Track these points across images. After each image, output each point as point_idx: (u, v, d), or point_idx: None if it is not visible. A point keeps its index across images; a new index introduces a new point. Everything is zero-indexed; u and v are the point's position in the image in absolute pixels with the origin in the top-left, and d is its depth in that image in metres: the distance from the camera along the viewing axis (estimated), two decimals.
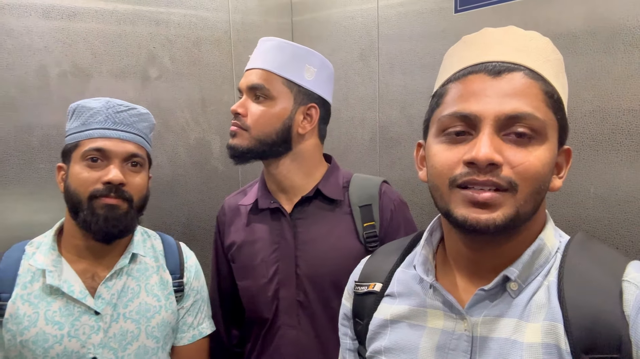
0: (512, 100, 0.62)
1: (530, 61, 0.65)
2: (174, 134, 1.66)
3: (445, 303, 0.71)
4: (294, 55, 1.17)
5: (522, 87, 0.62)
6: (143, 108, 1.12)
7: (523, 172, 0.61)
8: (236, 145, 1.16)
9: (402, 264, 0.82)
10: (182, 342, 1.19)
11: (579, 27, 1.26)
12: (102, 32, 1.49)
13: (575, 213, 1.30)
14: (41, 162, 1.40)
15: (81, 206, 1.02)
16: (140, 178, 1.09)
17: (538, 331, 0.62)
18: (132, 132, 1.08)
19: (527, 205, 0.62)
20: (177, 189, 1.69)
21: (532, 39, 0.67)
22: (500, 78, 0.63)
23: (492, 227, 0.61)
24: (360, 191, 1.21)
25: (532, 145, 0.62)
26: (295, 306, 1.16)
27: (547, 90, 0.64)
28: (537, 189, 0.62)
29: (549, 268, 0.67)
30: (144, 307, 1.10)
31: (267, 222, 1.21)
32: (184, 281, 1.18)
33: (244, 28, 1.81)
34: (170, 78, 1.64)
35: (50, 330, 1.00)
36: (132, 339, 1.07)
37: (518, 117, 0.61)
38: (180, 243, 1.25)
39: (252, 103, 1.16)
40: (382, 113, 1.73)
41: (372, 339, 0.79)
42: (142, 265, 1.14)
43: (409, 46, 1.63)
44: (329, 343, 1.15)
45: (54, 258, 1.05)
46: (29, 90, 1.38)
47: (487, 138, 0.61)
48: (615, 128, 1.23)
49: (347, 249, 1.15)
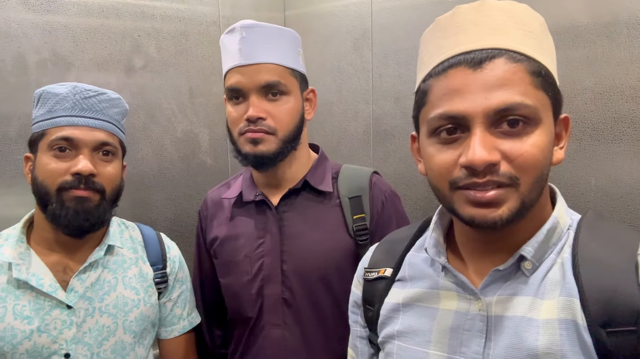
0: (498, 92, 0.59)
1: (511, 40, 0.62)
2: (159, 126, 1.60)
3: (458, 283, 0.70)
4: (289, 42, 1.11)
5: (505, 74, 0.60)
6: (113, 93, 1.06)
7: (522, 164, 0.60)
8: (265, 153, 1.06)
9: (413, 248, 0.82)
10: (173, 334, 1.16)
11: (579, 10, 1.20)
12: (83, 19, 1.43)
13: (575, 206, 1.22)
14: (18, 153, 1.35)
15: (49, 198, 0.97)
16: (112, 168, 1.03)
17: (554, 308, 0.62)
18: (102, 118, 1.02)
19: (532, 193, 0.62)
20: (164, 183, 1.63)
21: (508, 11, 0.63)
22: (481, 70, 0.60)
23: (499, 223, 0.61)
24: (350, 183, 1.15)
25: (526, 132, 0.60)
26: (280, 304, 1.11)
27: (533, 70, 0.61)
28: (540, 176, 0.62)
29: (562, 245, 0.66)
30: (122, 301, 1.05)
31: (252, 216, 1.16)
32: (167, 271, 1.14)
33: (234, 17, 1.75)
34: (156, 68, 1.58)
35: (18, 325, 0.96)
36: (108, 335, 1.02)
37: (507, 109, 0.59)
38: (160, 234, 1.20)
39: (267, 103, 1.06)
40: (375, 105, 1.67)
41: (384, 324, 0.78)
42: (118, 256, 1.09)
43: (403, 35, 1.58)
44: (316, 343, 1.10)
45: (22, 251, 1.00)
46: (6, 78, 1.32)
47: (479, 138, 0.59)
48: (617, 117, 1.17)
49: (336, 243, 1.10)
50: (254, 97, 1.05)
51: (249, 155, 1.07)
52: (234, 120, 1.08)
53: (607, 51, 1.17)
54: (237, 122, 1.08)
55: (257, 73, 1.05)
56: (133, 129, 1.54)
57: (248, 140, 1.06)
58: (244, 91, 1.06)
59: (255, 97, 1.05)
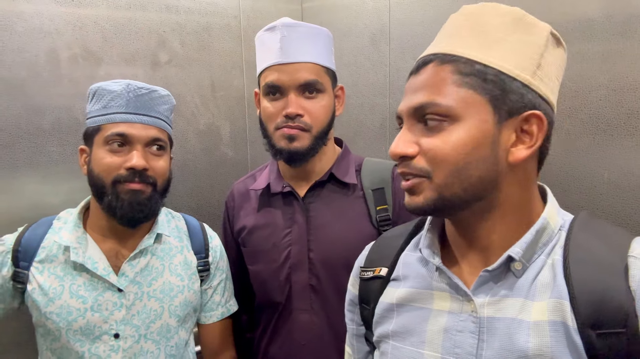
0: (418, 94, 0.66)
1: (452, 43, 0.67)
2: (183, 119, 1.66)
3: (451, 285, 0.71)
4: (325, 41, 1.15)
5: (428, 77, 0.66)
6: (163, 90, 1.12)
7: (433, 158, 0.65)
8: (300, 149, 1.11)
9: (408, 247, 0.83)
10: (212, 320, 1.22)
11: (594, 9, 1.24)
12: (112, 15, 1.48)
13: (587, 199, 1.29)
14: (52, 146, 1.40)
15: (105, 190, 1.03)
16: (163, 162, 1.09)
17: (544, 309, 0.62)
18: (154, 115, 1.07)
19: (452, 186, 0.65)
20: (187, 175, 1.68)
21: (471, 15, 0.68)
22: (417, 75, 0.68)
23: (418, 210, 0.68)
24: (372, 175, 1.20)
25: (441, 129, 0.64)
26: (307, 290, 1.16)
27: (461, 70, 0.64)
28: (454, 170, 0.64)
29: (553, 246, 0.67)
30: (168, 286, 1.11)
31: (279, 206, 1.21)
32: (209, 260, 1.20)
33: (254, 14, 1.80)
34: (180, 63, 1.63)
35: (74, 303, 1.03)
36: (155, 318, 1.09)
37: (422, 108, 0.65)
38: (203, 224, 1.26)
39: (305, 100, 1.11)
40: (392, 99, 1.71)
41: (378, 323, 0.80)
42: (166, 244, 1.15)
43: (421, 31, 1.61)
44: (342, 327, 1.15)
45: (79, 235, 1.07)
46: (40, 73, 1.38)
47: (400, 134, 0.67)
48: (630, 113, 1.21)
49: (360, 232, 1.15)
50: (293, 95, 1.09)
51: (284, 151, 1.11)
52: (271, 115, 1.12)
53: (621, 48, 1.21)
54: (273, 117, 1.12)
55: (296, 72, 1.09)
56: None
57: (285, 136, 1.10)
58: (282, 88, 1.10)
59: (294, 95, 1.09)
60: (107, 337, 1.04)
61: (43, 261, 1.06)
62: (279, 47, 1.09)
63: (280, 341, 1.20)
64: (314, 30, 1.13)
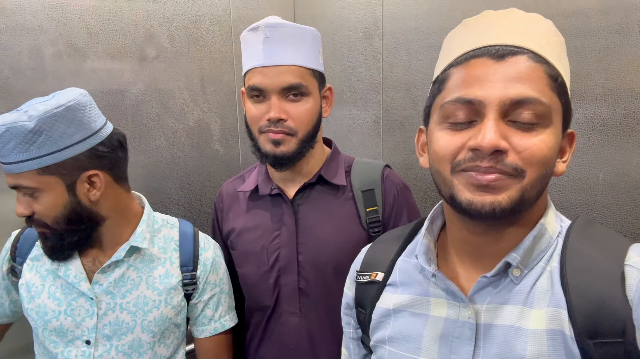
0: (517, 85, 0.60)
1: (533, 44, 0.63)
2: (172, 116, 1.63)
3: (447, 291, 0.70)
4: (311, 42, 1.11)
5: (526, 70, 0.61)
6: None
7: (529, 157, 0.60)
8: (286, 153, 1.08)
9: (404, 253, 0.82)
10: (203, 335, 1.18)
11: (591, 5, 1.21)
12: (97, 10, 1.44)
13: (583, 200, 1.27)
14: None
15: None
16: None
17: (542, 318, 0.62)
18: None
19: (533, 189, 0.62)
20: (177, 172, 1.66)
21: (533, 21, 0.65)
22: (503, 62, 0.61)
23: (497, 210, 0.60)
24: (362, 176, 1.18)
25: (537, 130, 0.61)
26: (297, 294, 1.15)
27: (551, 74, 0.62)
28: (544, 174, 0.62)
29: (551, 253, 0.66)
30: (142, 300, 1.08)
31: (268, 209, 1.19)
32: (197, 274, 1.14)
33: (244, 5, 1.76)
34: (169, 58, 1.59)
35: (50, 304, 1.05)
36: (127, 331, 1.06)
37: (523, 102, 0.60)
38: (200, 235, 1.20)
39: (288, 103, 1.07)
40: (386, 95, 1.68)
41: (375, 328, 0.79)
42: (146, 256, 1.11)
43: (415, 25, 1.58)
44: (331, 330, 1.14)
45: None
46: (23, 70, 1.34)
47: (492, 124, 0.59)
48: (627, 113, 1.19)
49: (350, 235, 1.13)
50: (275, 98, 1.06)
51: (269, 155, 1.08)
52: (255, 117, 1.10)
53: (618, 47, 1.18)
54: (257, 120, 1.09)
55: (279, 75, 1.05)
56: (147, 119, 1.56)
57: (269, 140, 1.07)
58: (265, 91, 1.07)
59: (277, 98, 1.06)
60: (79, 342, 1.04)
61: (33, 259, 1.09)
62: (262, 48, 1.06)
63: (269, 344, 1.19)
64: (298, 31, 1.08)
